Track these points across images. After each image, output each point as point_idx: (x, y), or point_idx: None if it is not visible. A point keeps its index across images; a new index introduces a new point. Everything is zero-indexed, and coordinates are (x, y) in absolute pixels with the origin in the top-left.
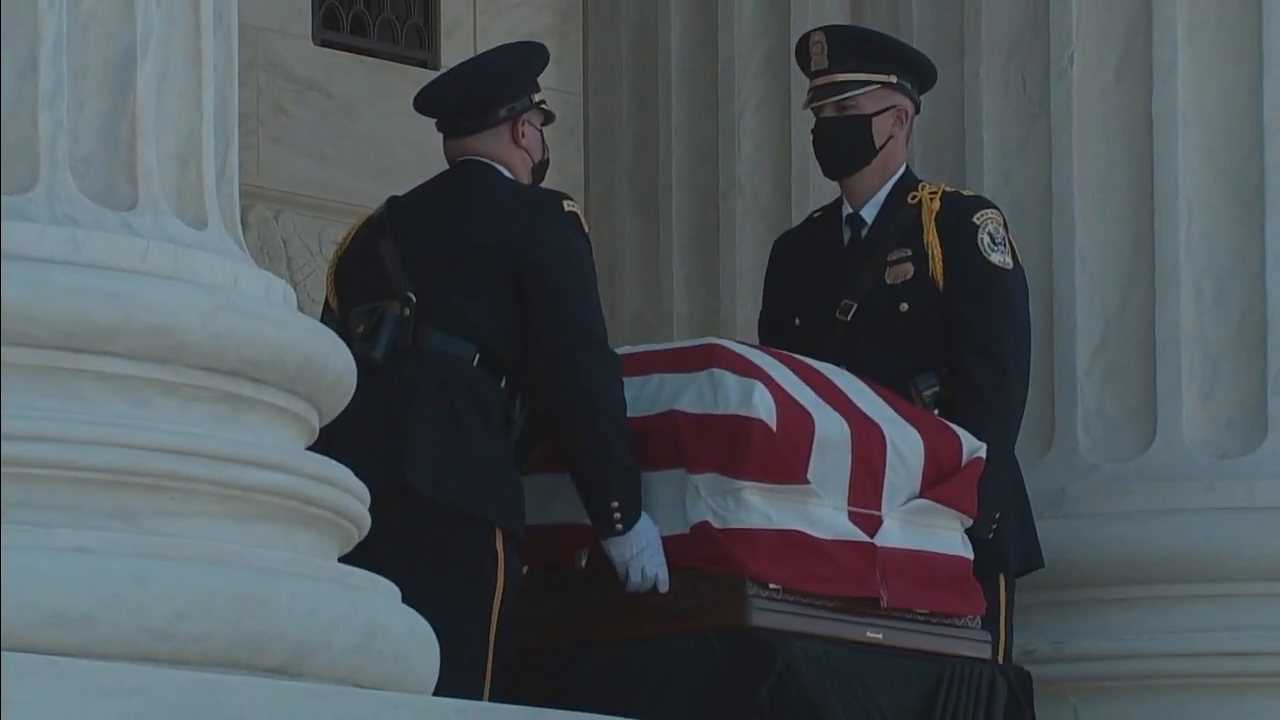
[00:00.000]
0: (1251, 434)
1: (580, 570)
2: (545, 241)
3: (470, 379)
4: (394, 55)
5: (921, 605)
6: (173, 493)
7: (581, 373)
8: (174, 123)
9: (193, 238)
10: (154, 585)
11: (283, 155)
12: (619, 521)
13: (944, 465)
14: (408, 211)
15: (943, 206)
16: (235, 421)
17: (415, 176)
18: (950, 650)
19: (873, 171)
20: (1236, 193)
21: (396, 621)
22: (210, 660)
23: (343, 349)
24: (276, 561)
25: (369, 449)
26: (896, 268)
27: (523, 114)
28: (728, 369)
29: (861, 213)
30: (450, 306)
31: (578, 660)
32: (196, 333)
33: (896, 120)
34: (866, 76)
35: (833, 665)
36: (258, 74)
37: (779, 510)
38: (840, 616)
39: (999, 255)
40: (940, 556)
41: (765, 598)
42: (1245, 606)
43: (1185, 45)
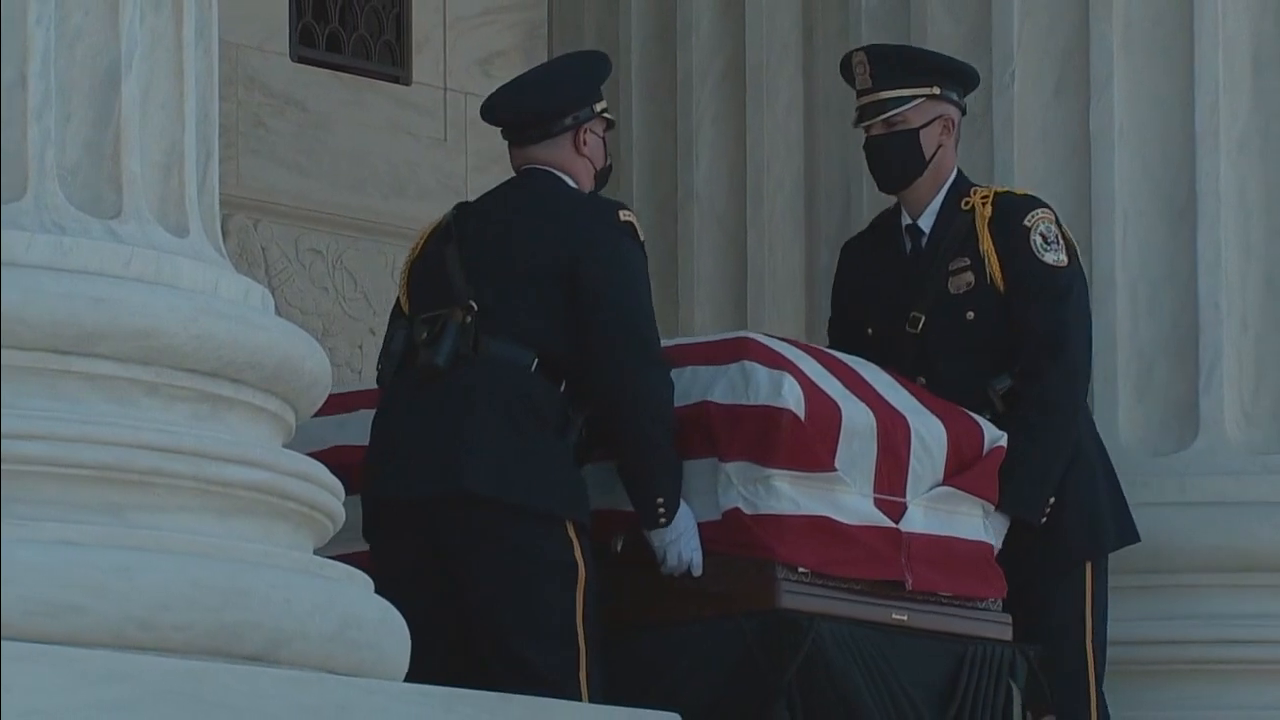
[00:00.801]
0: (1183, 432)
1: (616, 554)
2: (600, 251)
3: (528, 384)
4: (367, 71)
5: (944, 588)
6: (156, 488)
7: (632, 379)
8: (157, 135)
9: (175, 245)
10: (138, 576)
11: (261, 166)
12: (663, 515)
13: (966, 454)
14: (472, 220)
15: (995, 211)
16: (215, 420)
17: (387, 187)
18: (972, 631)
19: (926, 182)
20: (1169, 203)
21: (370, 611)
22: (192, 648)
23: (319, 351)
24: (255, 554)
25: (431, 453)
26: (958, 278)
27: (586, 123)
28: (758, 361)
29: (919, 222)
30: (509, 314)
31: (613, 640)
32: (179, 335)
33: (944, 129)
34: (911, 91)
35: (859, 646)
36: (237, 89)
37: (807, 497)
38: (866, 599)
39: (1053, 254)
40: (962, 541)
41: (794, 581)
42: (1177, 597)
43: (1120, 62)
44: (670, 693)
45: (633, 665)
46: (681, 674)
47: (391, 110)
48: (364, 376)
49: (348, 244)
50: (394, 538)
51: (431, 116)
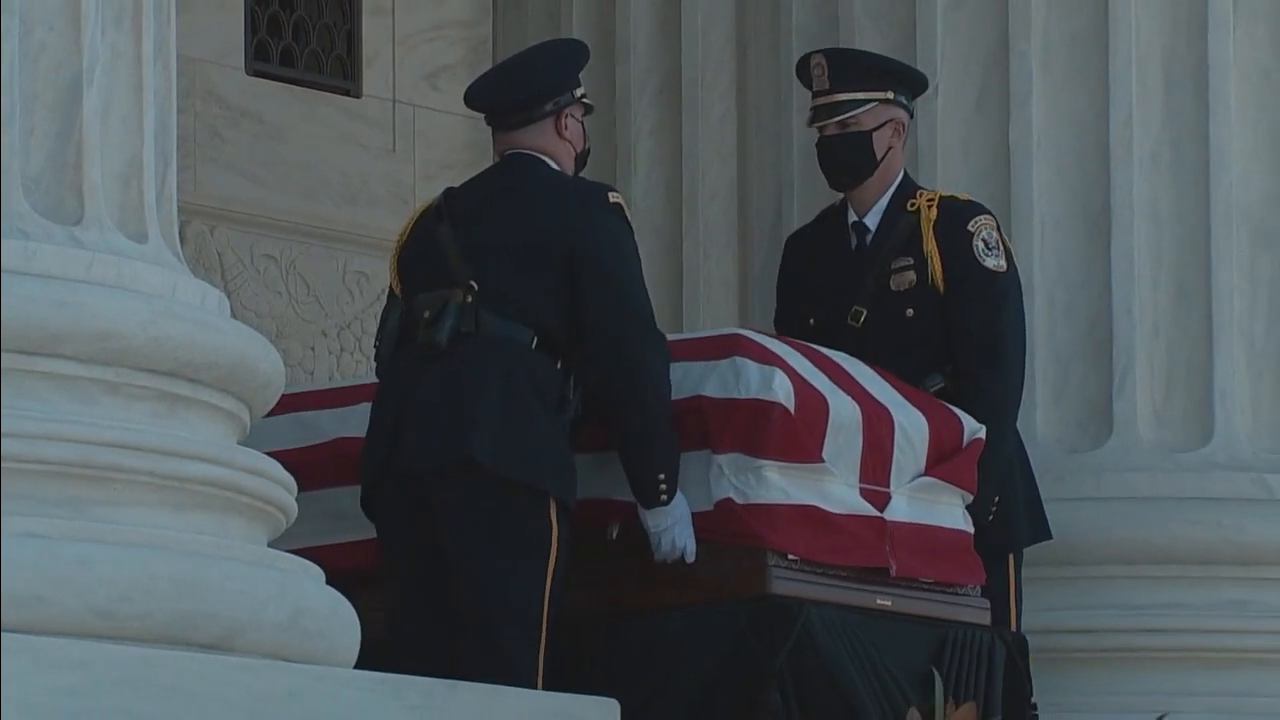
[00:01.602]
0: (1098, 432)
1: (613, 541)
2: (594, 231)
3: (528, 361)
4: (320, 84)
5: (927, 575)
6: (116, 483)
7: (631, 353)
8: (117, 145)
9: (135, 250)
10: (98, 568)
11: (218, 175)
12: (664, 493)
13: (946, 446)
14: (464, 202)
15: (939, 214)
16: (173, 418)
17: (339, 195)
18: (953, 616)
19: (874, 182)
20: (1085, 212)
21: (321, 601)
22: (150, 637)
23: (272, 353)
24: (211, 546)
25: (435, 428)
26: (900, 275)
27: (566, 108)
28: (749, 357)
29: (865, 220)
30: (508, 293)
31: (610, 625)
32: (138, 337)
33: (894, 132)
34: (866, 95)
35: (846, 630)
36: (195, 101)
37: (796, 487)
38: (853, 585)
39: (993, 260)
40: (944, 530)
41: (784, 568)
42: (1092, 588)
43: (1039, 77)
44: (663, 678)
45: (628, 650)
46: (675, 659)
47: (343, 122)
48: (315, 377)
49: (300, 250)
50: (393, 509)
51: (381, 128)
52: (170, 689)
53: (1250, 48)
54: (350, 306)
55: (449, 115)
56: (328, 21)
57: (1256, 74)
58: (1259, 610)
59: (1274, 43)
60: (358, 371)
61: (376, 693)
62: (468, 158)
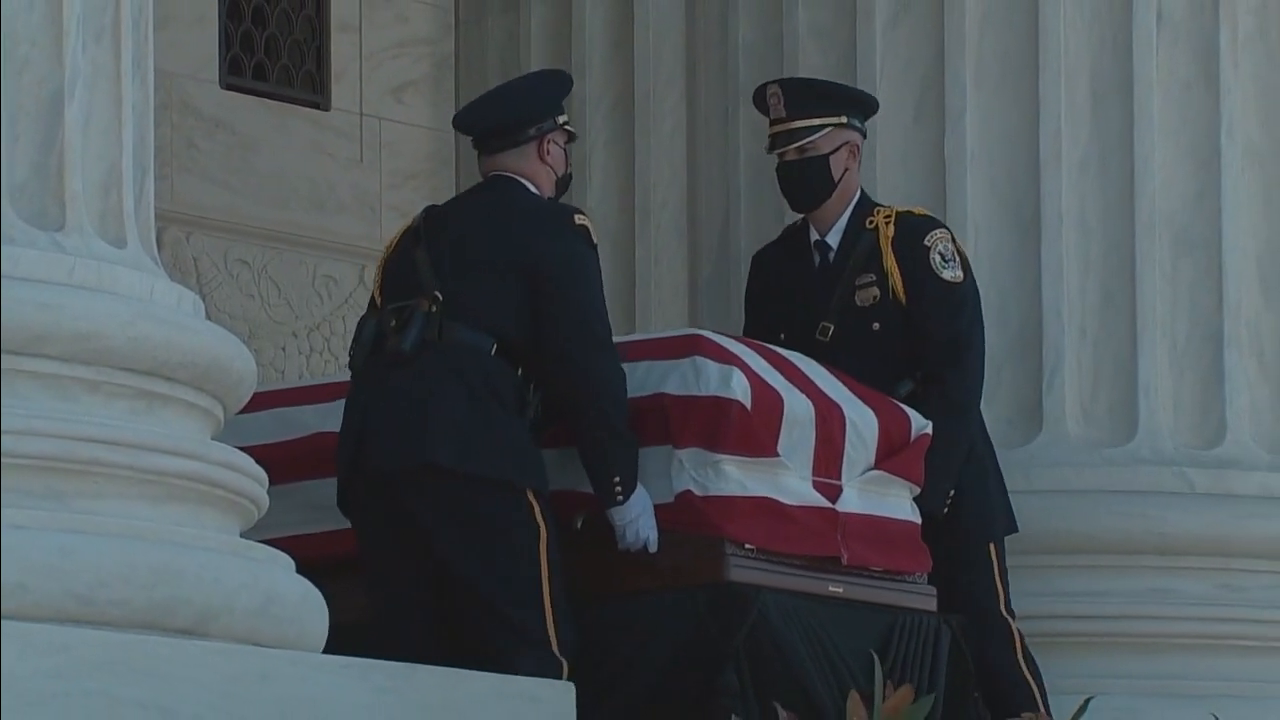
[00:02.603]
0: (1029, 428)
1: (577, 531)
2: (556, 251)
3: (488, 366)
4: (290, 98)
5: (876, 563)
6: (96, 477)
7: (586, 368)
8: (97, 156)
9: (114, 255)
10: (79, 557)
11: (193, 184)
12: (620, 493)
13: (895, 440)
14: (440, 220)
15: (897, 231)
16: (151, 415)
17: (308, 203)
18: (901, 603)
19: (834, 202)
20: (1016, 219)
21: (292, 589)
22: (128, 622)
23: (245, 353)
24: (186, 537)
25: (397, 430)
26: (864, 291)
27: (549, 134)
28: (708, 356)
29: (827, 239)
30: (472, 304)
31: (580, 610)
32: (117, 338)
33: (850, 154)
34: (820, 121)
35: (799, 615)
36: (171, 113)
37: (753, 480)
38: (806, 573)
39: (950, 271)
40: (892, 521)
41: (741, 556)
42: (1024, 577)
43: (973, 93)
44: (626, 659)
45: (591, 634)
46: (637, 642)
47: (312, 134)
48: (286, 376)
49: (272, 255)
50: (366, 509)
51: (349, 139)
52: (147, 672)
53: (1172, 64)
54: (319, 309)
55: (413, 127)
56: (298, 38)
57: (1178, 88)
58: (1181, 598)
59: (1194, 59)
60: (326, 371)
61: (344, 676)
62: (430, 168)
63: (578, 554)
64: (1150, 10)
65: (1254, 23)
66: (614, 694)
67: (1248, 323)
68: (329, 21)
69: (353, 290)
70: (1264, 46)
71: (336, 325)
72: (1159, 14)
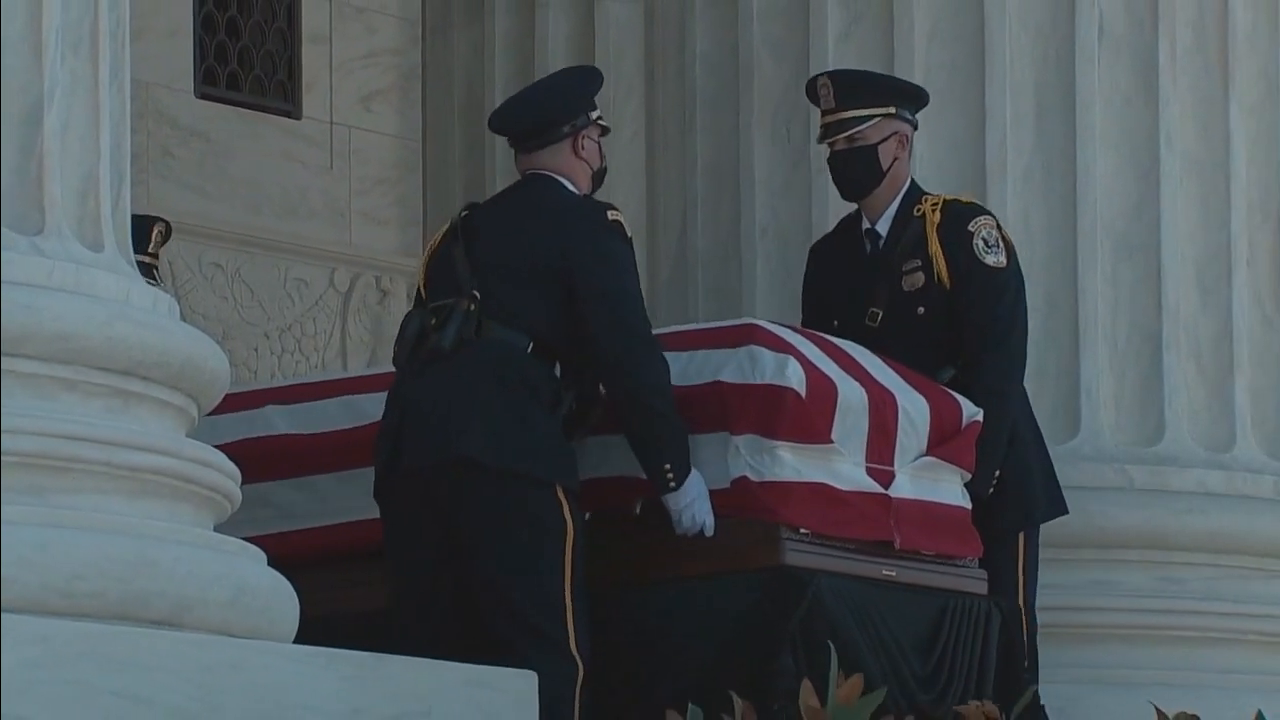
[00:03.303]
0: None
1: (637, 516)
2: (591, 248)
3: (524, 364)
4: (263, 107)
5: (928, 547)
6: (74, 473)
7: (627, 362)
8: (76, 162)
9: (92, 259)
10: (57, 550)
11: (169, 190)
12: (672, 480)
13: (947, 427)
14: (479, 219)
15: (943, 218)
16: (127, 413)
17: (280, 209)
18: (952, 586)
19: (883, 191)
20: None
21: (263, 581)
22: (104, 613)
23: (218, 353)
24: (160, 530)
25: (434, 425)
26: (910, 277)
27: (583, 130)
28: (764, 345)
29: (877, 227)
30: (509, 303)
31: (637, 593)
32: (94, 338)
33: (899, 144)
34: (870, 111)
35: (853, 598)
36: (148, 122)
37: (808, 466)
38: (859, 557)
39: (993, 257)
40: (944, 506)
41: (796, 540)
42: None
43: None
44: (683, 642)
45: (650, 617)
46: (694, 625)
47: (284, 141)
48: (258, 376)
49: (245, 259)
50: (399, 500)
51: (319, 147)
52: (123, 662)
53: (1113, 77)
54: (290, 311)
55: (381, 135)
56: (270, 49)
57: (1119, 101)
58: (1121, 589)
59: (1134, 73)
60: (298, 371)
61: (312, 665)
62: (398, 174)
63: (635, 539)
64: (1092, 26)
65: (1192, 37)
66: (670, 676)
67: (1185, 326)
68: (300, 33)
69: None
70: (1201, 60)
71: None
72: (1100, 29)
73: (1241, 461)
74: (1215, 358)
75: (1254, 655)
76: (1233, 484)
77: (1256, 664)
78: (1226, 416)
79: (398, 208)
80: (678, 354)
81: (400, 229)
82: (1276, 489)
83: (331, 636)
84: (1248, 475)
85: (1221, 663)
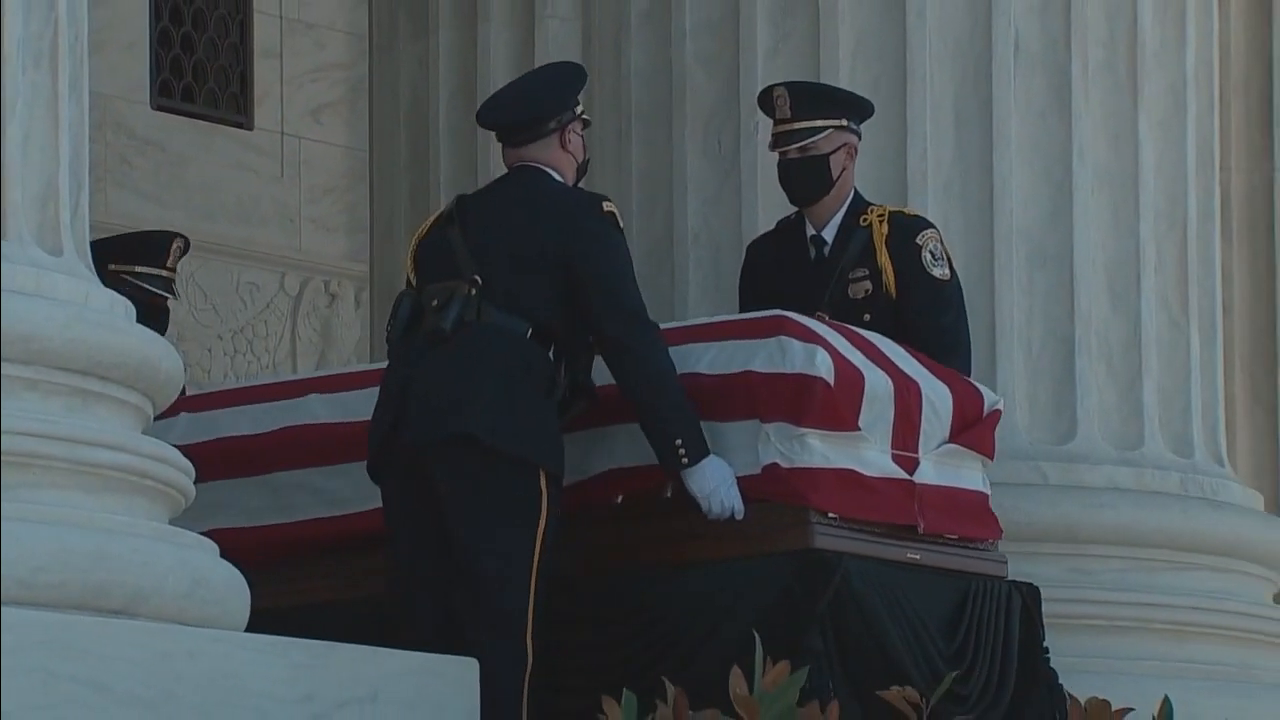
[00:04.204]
0: None
1: (667, 499)
2: (588, 236)
3: (522, 349)
4: (216, 118)
5: (951, 531)
6: (35, 468)
7: (631, 346)
8: (36, 171)
9: (51, 263)
10: (19, 543)
11: (126, 197)
12: (684, 456)
13: (969, 415)
14: (474, 208)
15: (890, 229)
16: (86, 411)
17: (233, 216)
18: (975, 569)
19: (830, 199)
20: None
21: (217, 573)
22: (64, 603)
23: (173, 354)
24: (118, 524)
25: (436, 404)
26: (856, 285)
27: (569, 124)
28: (793, 336)
29: (823, 233)
30: (508, 289)
31: (670, 576)
32: (55, 339)
33: (848, 155)
34: (824, 122)
35: (880, 580)
36: (106, 132)
37: (835, 452)
38: (886, 540)
39: (939, 269)
40: (965, 491)
41: (825, 524)
42: None
43: None
44: (714, 622)
45: (683, 599)
46: (725, 605)
47: (237, 151)
48: (211, 376)
49: (199, 264)
50: (396, 478)
51: (271, 157)
52: (83, 650)
53: (1028, 93)
54: (243, 314)
55: (330, 146)
56: (224, 63)
57: (1033, 115)
58: (1035, 581)
59: (1049, 89)
60: (250, 371)
61: (265, 653)
62: (346, 183)
63: (668, 522)
64: (1008, 43)
65: (1103, 55)
66: (702, 655)
67: (1097, 330)
68: (252, 48)
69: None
70: (1112, 77)
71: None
72: (1016, 47)
73: (1150, 459)
74: (1125, 360)
75: (1161, 643)
76: (1141, 480)
77: (1163, 652)
78: (1135, 416)
79: (346, 215)
80: (709, 344)
81: (348, 235)
82: (1183, 485)
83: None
84: (1155, 472)
85: (1130, 650)
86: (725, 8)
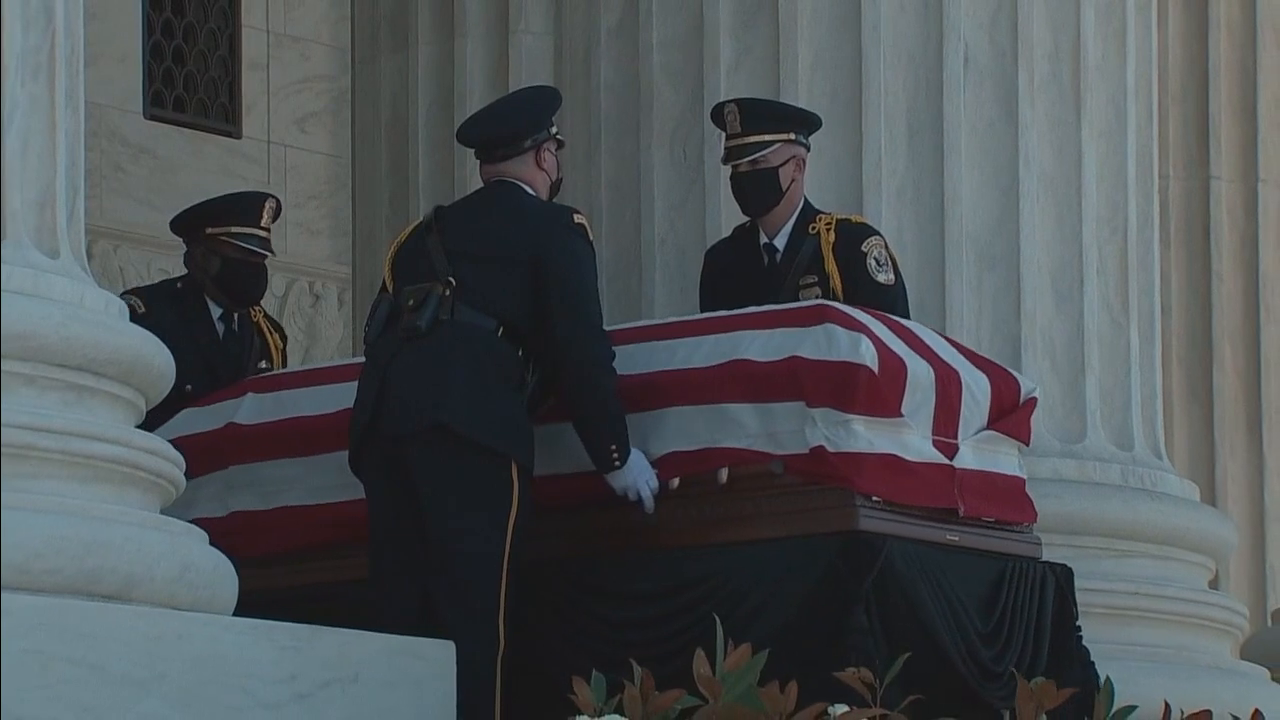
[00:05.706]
0: None
1: (723, 485)
2: (557, 245)
3: (494, 346)
4: (206, 127)
5: (989, 514)
6: (31, 460)
7: (580, 350)
8: (34, 177)
9: (49, 265)
10: (16, 532)
11: (120, 203)
12: (616, 460)
13: (1006, 402)
14: (451, 217)
15: (837, 237)
16: (80, 406)
17: None
18: (1011, 550)
19: (781, 209)
20: None
21: (205, 559)
22: (60, 589)
23: (164, 351)
24: (111, 513)
25: (413, 396)
26: (806, 291)
27: (544, 143)
28: (838, 324)
29: (774, 241)
30: (481, 290)
31: (722, 554)
32: (51, 337)
33: (796, 167)
34: (772, 137)
35: (921, 561)
36: (101, 140)
37: (879, 438)
38: (927, 523)
39: (884, 275)
40: (1003, 476)
41: (869, 507)
42: None
43: None
44: (762, 601)
45: (734, 577)
46: (773, 585)
47: (226, 159)
48: None
49: None
50: (375, 470)
51: (258, 164)
52: (77, 633)
53: (978, 103)
54: None
55: (314, 154)
56: (213, 75)
57: (983, 125)
58: None
59: (997, 100)
60: None
61: (252, 636)
62: (329, 189)
63: (721, 505)
64: (958, 56)
65: (1049, 68)
66: (750, 633)
67: (1042, 330)
68: (241, 60)
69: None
70: (1057, 89)
71: None
72: (966, 60)
73: (1092, 451)
74: (1068, 358)
75: (1103, 627)
76: (1084, 472)
77: (1105, 635)
78: (1078, 411)
79: (329, 219)
80: (758, 332)
81: (331, 239)
82: (1123, 476)
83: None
84: (1097, 464)
85: None
86: (690, 24)
